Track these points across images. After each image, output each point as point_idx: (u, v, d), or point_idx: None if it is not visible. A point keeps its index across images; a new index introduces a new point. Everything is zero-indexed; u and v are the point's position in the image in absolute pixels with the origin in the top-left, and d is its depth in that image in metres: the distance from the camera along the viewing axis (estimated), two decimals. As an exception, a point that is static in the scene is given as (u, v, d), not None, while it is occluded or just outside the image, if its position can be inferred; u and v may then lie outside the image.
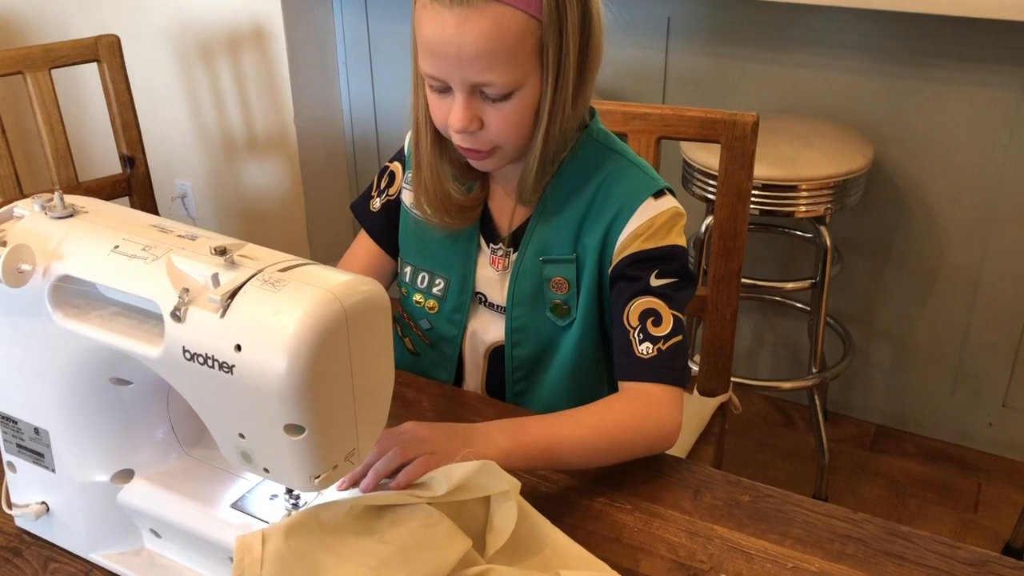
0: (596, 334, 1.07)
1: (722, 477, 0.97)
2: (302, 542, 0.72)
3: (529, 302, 1.07)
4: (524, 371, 1.11)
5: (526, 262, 1.06)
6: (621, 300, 1.01)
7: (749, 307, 2.37)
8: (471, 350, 1.13)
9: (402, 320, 1.17)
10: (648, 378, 0.98)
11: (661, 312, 1.00)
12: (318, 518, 0.74)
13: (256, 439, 0.71)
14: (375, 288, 0.72)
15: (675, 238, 1.03)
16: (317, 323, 0.66)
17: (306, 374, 0.66)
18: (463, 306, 1.10)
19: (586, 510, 0.92)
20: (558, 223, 1.04)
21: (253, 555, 0.70)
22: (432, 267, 1.12)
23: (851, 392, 2.36)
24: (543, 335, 1.08)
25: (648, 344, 0.98)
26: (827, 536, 0.88)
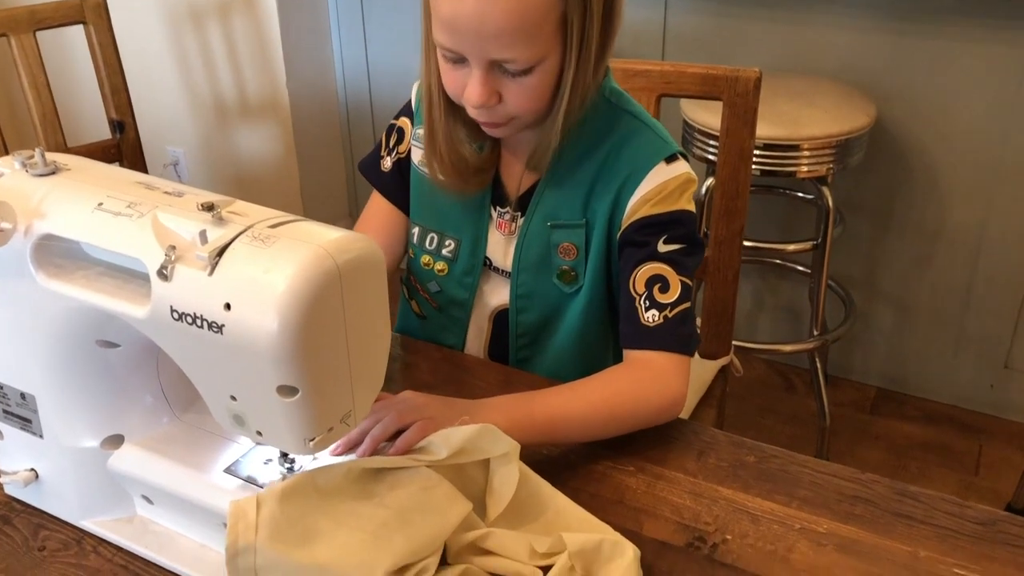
0: (604, 302, 1.05)
1: (726, 438, 0.95)
2: (298, 506, 0.70)
3: (535, 268, 1.04)
4: (529, 338, 1.09)
5: (533, 227, 1.03)
6: (628, 266, 0.98)
7: (749, 270, 2.35)
8: (477, 314, 1.11)
9: (409, 283, 1.15)
10: (653, 346, 0.96)
11: (668, 278, 0.97)
12: (314, 482, 0.72)
13: (248, 401, 0.69)
14: (370, 245, 0.69)
15: (685, 203, 1.00)
16: (309, 281, 0.64)
17: (298, 333, 0.64)
18: (475, 268, 1.08)
19: (589, 472, 0.90)
20: (568, 188, 1.01)
21: (248, 520, 0.68)
22: (442, 228, 1.09)
23: (852, 355, 2.34)
24: (549, 302, 1.06)
25: (654, 311, 0.96)
26: (834, 497, 0.86)
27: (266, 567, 0.68)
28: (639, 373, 0.95)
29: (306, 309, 0.64)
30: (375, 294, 0.71)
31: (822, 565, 0.79)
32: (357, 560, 0.68)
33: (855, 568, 0.79)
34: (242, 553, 0.67)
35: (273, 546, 0.67)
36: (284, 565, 0.67)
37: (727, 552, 0.81)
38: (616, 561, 0.75)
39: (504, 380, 1.04)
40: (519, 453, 0.79)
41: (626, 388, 0.93)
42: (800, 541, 0.82)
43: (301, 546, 0.68)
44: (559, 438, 0.91)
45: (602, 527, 0.80)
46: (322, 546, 0.69)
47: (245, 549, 0.67)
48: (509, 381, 1.04)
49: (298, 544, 0.68)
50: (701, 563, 0.80)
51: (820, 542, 0.82)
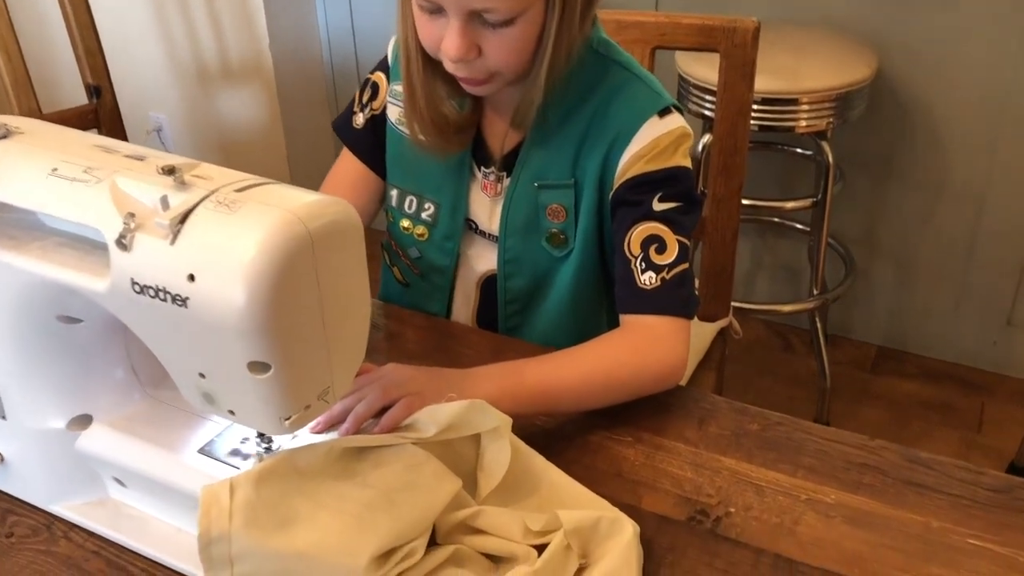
0: (595, 265, 1.00)
1: (728, 405, 0.91)
2: (275, 489, 0.65)
3: (523, 231, 0.99)
4: (518, 304, 1.04)
5: (520, 188, 0.98)
6: (622, 227, 0.93)
7: (747, 229, 2.30)
8: (462, 280, 1.06)
9: (390, 248, 1.10)
10: (651, 310, 0.91)
11: (665, 238, 0.92)
12: (293, 463, 0.67)
13: (218, 379, 0.64)
14: (345, 209, 0.64)
15: (680, 159, 0.94)
16: (278, 248, 0.59)
17: (268, 305, 0.59)
18: (455, 233, 1.03)
19: (584, 444, 0.86)
20: (555, 146, 0.96)
21: (221, 506, 0.64)
22: (420, 190, 1.03)
23: (852, 314, 2.30)
24: (538, 267, 1.01)
25: (651, 273, 0.91)
26: (842, 465, 0.83)
27: (242, 555, 0.63)
28: (637, 339, 0.90)
29: (276, 279, 0.59)
30: (352, 261, 0.66)
31: (830, 538, 0.75)
32: (340, 545, 0.64)
33: (865, 540, 0.75)
34: (216, 542, 0.63)
35: (249, 533, 0.63)
36: (261, 552, 0.63)
37: (730, 526, 0.77)
38: (615, 539, 0.72)
39: (494, 348, 1.00)
40: (511, 427, 0.74)
41: (624, 355, 0.89)
42: (807, 513, 0.78)
43: (279, 532, 0.64)
44: (553, 408, 0.87)
45: (599, 502, 0.76)
46: (302, 531, 0.64)
47: (219, 537, 0.63)
48: (499, 349, 0.99)
49: (276, 530, 0.64)
50: (703, 538, 0.76)
51: (828, 514, 0.78)
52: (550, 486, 0.77)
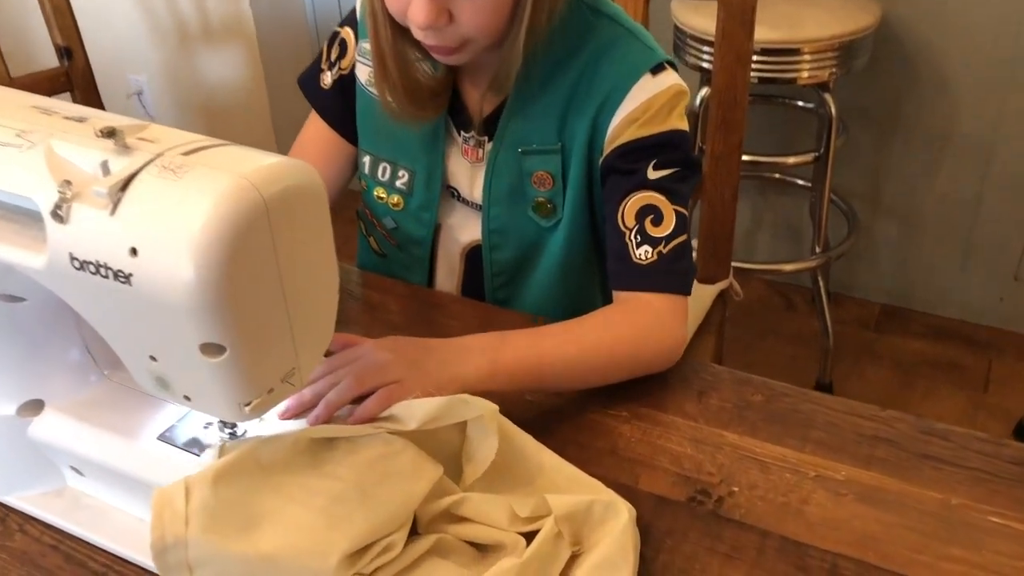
0: (586, 234, 0.94)
1: (730, 376, 0.85)
2: (236, 488, 0.60)
3: (508, 200, 0.93)
4: (505, 277, 0.98)
5: (503, 155, 0.91)
6: (615, 197, 0.87)
7: (747, 186, 2.24)
8: (445, 251, 1.00)
9: (365, 218, 1.04)
10: (647, 287, 0.85)
11: (661, 208, 0.85)
12: (255, 457, 0.62)
13: (170, 362, 0.58)
14: (306, 172, 0.58)
15: (676, 121, 0.87)
16: (229, 217, 0.53)
17: (219, 281, 0.53)
18: (432, 203, 0.96)
19: (576, 420, 0.80)
20: (539, 108, 0.89)
21: (175, 510, 0.58)
22: (394, 157, 0.97)
23: (855, 271, 2.25)
24: (525, 237, 0.95)
25: (647, 247, 0.85)
26: (853, 438, 0.77)
27: (202, 561, 0.58)
28: (635, 316, 0.84)
29: (227, 252, 0.53)
30: (315, 230, 0.60)
31: (842, 517, 0.70)
32: (309, 545, 0.59)
33: (879, 520, 0.70)
34: (171, 549, 0.58)
35: (208, 538, 0.57)
36: (223, 558, 0.58)
37: (734, 506, 0.72)
38: (609, 524, 0.66)
39: (482, 319, 0.94)
40: (496, 414, 0.68)
41: (624, 331, 0.82)
42: (816, 491, 0.73)
43: (242, 535, 0.58)
44: (548, 385, 0.81)
45: (593, 484, 0.71)
46: (267, 533, 0.59)
47: (175, 544, 0.57)
48: (488, 320, 0.94)
49: (238, 533, 0.58)
50: (705, 519, 0.71)
51: (839, 491, 0.72)
52: (540, 468, 0.71)
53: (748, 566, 0.67)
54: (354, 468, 0.63)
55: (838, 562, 0.67)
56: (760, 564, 0.67)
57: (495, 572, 0.61)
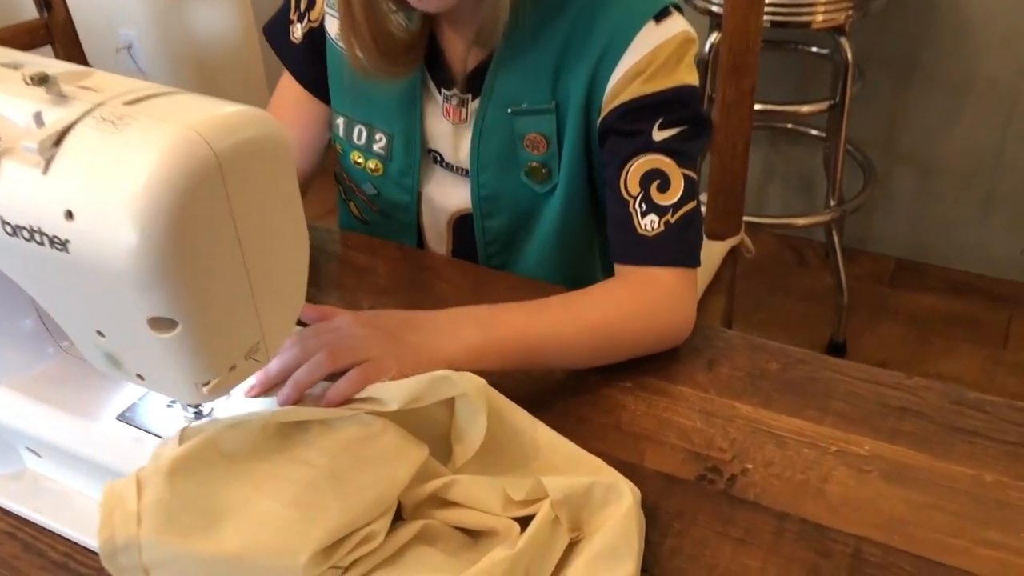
0: (585, 200, 0.87)
1: (743, 341, 0.79)
2: (196, 481, 0.54)
3: (499, 165, 0.86)
4: (499, 245, 0.91)
5: (491, 115, 0.84)
6: (616, 161, 0.79)
7: (758, 137, 2.15)
8: (430, 220, 0.93)
9: (343, 182, 0.97)
10: (654, 260, 0.78)
11: (669, 173, 0.78)
12: (217, 444, 0.56)
13: (118, 338, 0.52)
14: (264, 123, 0.51)
15: (684, 75, 0.79)
16: (175, 175, 0.47)
17: (165, 248, 0.47)
18: (412, 168, 0.89)
19: (576, 391, 0.74)
20: (529, 63, 0.81)
21: (126, 509, 0.52)
22: (369, 119, 0.89)
23: (870, 225, 2.17)
24: (519, 204, 0.88)
25: (653, 217, 0.77)
26: (877, 409, 0.71)
27: (159, 563, 0.52)
28: (642, 291, 0.77)
29: (173, 214, 0.47)
30: (278, 188, 0.53)
31: (865, 497, 0.64)
32: (278, 540, 0.53)
33: (906, 499, 0.64)
34: (122, 551, 0.52)
35: (164, 538, 0.52)
36: (183, 559, 0.52)
37: (748, 485, 0.66)
38: (611, 507, 0.61)
39: (476, 283, 0.88)
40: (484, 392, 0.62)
41: (628, 308, 0.76)
42: (837, 468, 0.67)
43: (202, 533, 0.52)
44: (544, 364, 0.74)
45: (593, 463, 0.65)
46: (231, 529, 0.53)
47: (126, 546, 0.52)
48: (482, 284, 0.87)
49: (198, 531, 0.52)
50: (716, 500, 0.65)
51: (862, 468, 0.67)
52: (536, 446, 0.65)
53: (764, 552, 0.61)
54: (328, 453, 0.57)
55: (862, 547, 0.61)
56: (777, 549, 0.61)
57: (486, 564, 0.55)
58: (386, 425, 0.59)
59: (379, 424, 0.59)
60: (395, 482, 0.58)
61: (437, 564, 0.58)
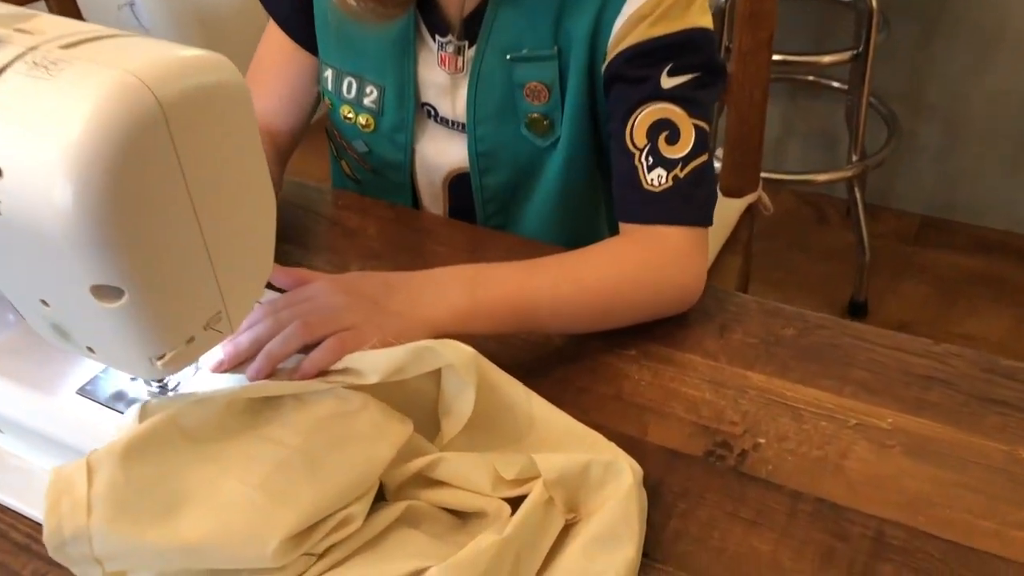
0: (589, 154, 0.81)
1: (756, 306, 0.74)
2: (154, 464, 0.49)
3: (497, 117, 0.80)
4: (498, 204, 0.86)
5: (488, 63, 0.78)
6: (621, 111, 0.74)
7: (777, 90, 2.08)
8: (425, 179, 0.87)
9: (333, 138, 0.91)
10: (661, 219, 0.72)
11: (678, 123, 0.72)
12: (178, 423, 0.51)
13: (63, 308, 0.48)
14: (217, 67, 0.46)
15: (696, 17, 0.74)
16: (113, 125, 0.42)
17: (104, 207, 0.42)
18: (406, 123, 0.83)
19: (575, 359, 0.69)
20: (529, 5, 0.76)
21: (75, 496, 0.48)
22: (359, 70, 0.83)
23: (894, 181, 2.10)
24: (520, 159, 0.82)
25: (660, 171, 0.72)
26: (901, 379, 0.66)
27: (113, 555, 0.48)
28: (647, 251, 0.72)
29: (112, 169, 0.42)
30: (236, 142, 0.48)
31: (887, 474, 0.59)
32: (245, 528, 0.49)
33: (932, 477, 0.59)
34: (70, 542, 0.48)
35: (117, 528, 0.47)
36: (139, 549, 0.48)
37: (760, 462, 0.61)
38: (610, 487, 0.56)
39: (473, 244, 0.83)
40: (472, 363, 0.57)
41: (631, 270, 0.70)
42: (857, 442, 0.62)
43: (160, 522, 0.48)
44: (539, 328, 0.69)
45: (592, 438, 0.60)
46: (193, 516, 0.48)
47: (74, 537, 0.47)
48: (480, 246, 0.82)
49: (157, 518, 0.48)
50: (725, 478, 0.60)
51: (884, 442, 0.62)
52: (530, 421, 0.60)
53: (776, 534, 0.57)
54: (301, 431, 0.52)
55: (884, 529, 0.56)
56: (790, 531, 0.57)
57: (471, 552, 0.51)
58: (366, 400, 0.54)
59: (358, 399, 0.54)
60: (375, 462, 0.53)
61: (421, 549, 0.54)
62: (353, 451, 0.53)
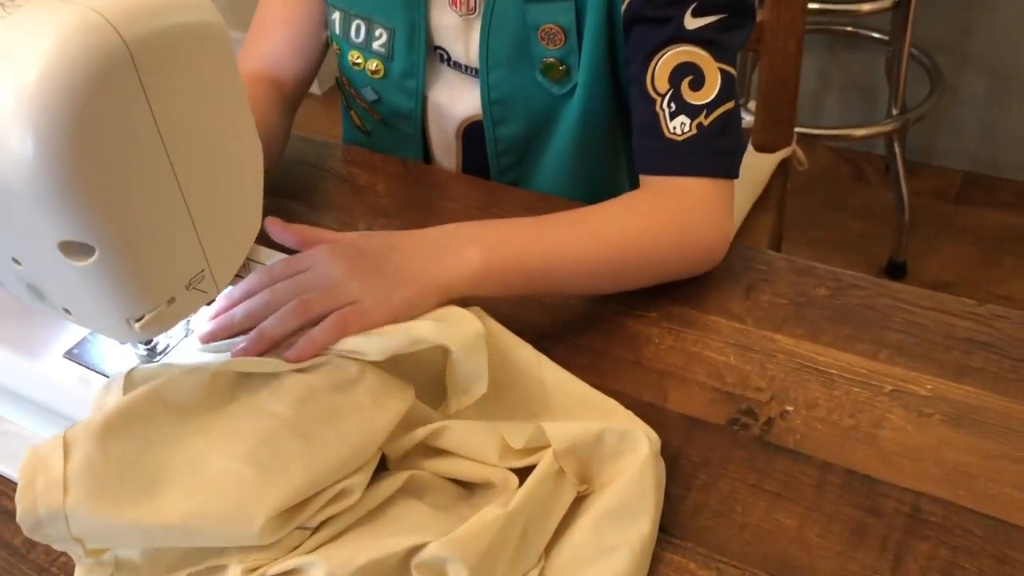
0: (608, 103, 0.76)
1: (787, 264, 0.69)
2: (134, 440, 0.46)
3: (511, 62, 0.76)
4: (513, 156, 0.81)
5: (502, 3, 0.73)
6: (642, 54, 0.69)
7: (814, 42, 2.00)
8: (437, 128, 0.83)
9: (343, 87, 0.87)
10: (683, 169, 0.68)
11: (703, 67, 0.67)
12: (161, 396, 0.48)
13: (35, 266, 0.45)
14: (193, 9, 0.43)
15: None
16: (74, 67, 0.38)
17: (66, 157, 0.39)
18: (416, 68, 0.79)
19: (593, 322, 0.66)
20: None
21: (51, 475, 0.45)
22: (368, 12, 0.79)
23: (935, 136, 2.02)
24: (534, 107, 0.78)
25: (683, 118, 0.67)
26: (941, 342, 0.61)
27: (91, 533, 0.45)
28: (668, 206, 0.67)
29: (72, 116, 0.38)
30: (216, 88, 0.45)
31: (926, 445, 0.55)
32: (230, 504, 0.46)
33: (974, 448, 0.55)
34: (46, 522, 0.45)
35: (94, 507, 0.45)
36: (119, 528, 0.45)
37: (786, 431, 0.57)
38: (624, 457, 0.52)
39: (487, 200, 0.79)
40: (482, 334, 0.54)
41: (651, 226, 0.66)
42: (893, 411, 0.57)
43: (142, 499, 0.45)
44: (556, 288, 0.65)
45: (607, 406, 0.56)
46: (175, 494, 0.46)
47: (49, 518, 0.45)
48: (494, 202, 0.78)
49: (138, 497, 0.45)
50: (749, 448, 0.56)
51: (922, 410, 0.57)
52: (542, 386, 0.57)
53: (803, 508, 0.53)
54: (293, 401, 0.49)
55: (920, 504, 0.52)
56: (818, 505, 0.53)
57: (474, 525, 0.48)
58: (363, 368, 0.51)
59: (354, 367, 0.50)
60: (372, 435, 0.50)
61: (422, 522, 0.51)
62: (348, 424, 0.49)
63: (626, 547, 0.49)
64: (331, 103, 0.87)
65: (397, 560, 0.48)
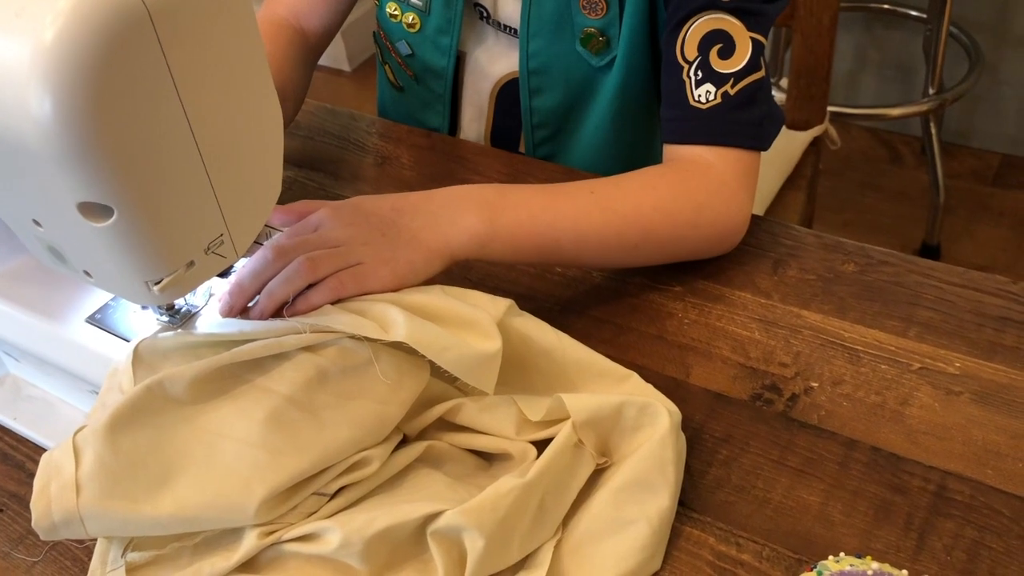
0: (648, 77, 0.75)
1: (815, 240, 0.68)
2: (142, 435, 0.46)
3: (552, 30, 0.74)
4: (549, 129, 0.80)
5: None
6: (674, 20, 0.67)
7: (850, 20, 1.97)
8: (472, 88, 0.82)
9: (379, 40, 0.86)
10: (706, 139, 0.66)
11: (734, 35, 0.65)
12: (163, 387, 0.47)
13: (56, 229, 0.45)
14: (213, -35, 0.42)
15: None
16: (92, 25, 0.38)
17: (85, 116, 0.39)
18: (452, 24, 0.78)
19: (616, 295, 0.65)
20: None
21: (63, 479, 0.45)
22: None
23: (973, 117, 1.98)
24: (573, 78, 0.77)
25: (709, 86, 0.65)
26: (972, 320, 0.60)
27: (106, 531, 0.46)
28: (687, 178, 0.65)
29: (90, 74, 0.38)
30: (236, 49, 0.44)
31: (954, 423, 0.54)
32: (237, 489, 0.46)
33: (1003, 427, 0.54)
34: (61, 527, 0.45)
35: (110, 504, 0.45)
36: (134, 522, 0.46)
37: (811, 407, 0.56)
38: (644, 431, 0.52)
39: (511, 173, 0.78)
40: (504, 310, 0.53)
41: (669, 198, 0.63)
42: (920, 388, 0.56)
43: (156, 491, 0.46)
44: (561, 259, 0.63)
45: (628, 380, 0.56)
46: (189, 483, 0.46)
47: (65, 521, 0.45)
48: (518, 174, 0.78)
49: (152, 489, 0.46)
50: (772, 424, 0.56)
51: (950, 388, 0.56)
52: (562, 358, 0.56)
53: (826, 484, 0.52)
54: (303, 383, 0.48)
55: (947, 483, 0.51)
56: (842, 482, 0.52)
57: (490, 495, 0.47)
58: (377, 350, 0.49)
59: (364, 352, 0.49)
60: (383, 420, 0.50)
61: (438, 491, 0.50)
62: (361, 406, 0.49)
63: (644, 520, 0.49)
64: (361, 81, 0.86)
65: (413, 528, 0.48)
